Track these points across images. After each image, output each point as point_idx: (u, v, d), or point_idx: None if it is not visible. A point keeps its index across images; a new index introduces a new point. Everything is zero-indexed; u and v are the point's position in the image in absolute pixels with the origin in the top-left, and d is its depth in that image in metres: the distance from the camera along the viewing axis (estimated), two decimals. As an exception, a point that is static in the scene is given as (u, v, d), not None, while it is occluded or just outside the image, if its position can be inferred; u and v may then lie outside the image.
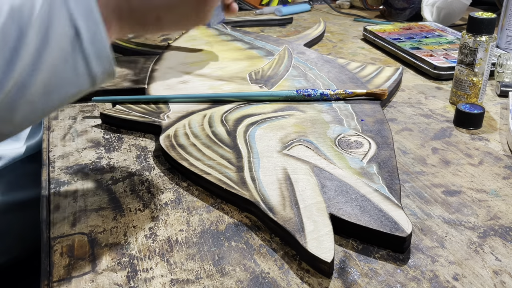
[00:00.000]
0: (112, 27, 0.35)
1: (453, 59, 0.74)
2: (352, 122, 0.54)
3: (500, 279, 0.34)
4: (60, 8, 0.31)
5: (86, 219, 0.41)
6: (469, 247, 0.38)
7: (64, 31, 0.31)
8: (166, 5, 0.37)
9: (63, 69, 0.32)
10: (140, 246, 0.38)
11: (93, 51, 0.33)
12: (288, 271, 0.35)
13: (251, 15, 1.12)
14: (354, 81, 0.65)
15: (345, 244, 0.38)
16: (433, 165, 0.49)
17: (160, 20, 0.37)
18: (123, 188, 0.45)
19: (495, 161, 0.49)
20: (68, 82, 0.33)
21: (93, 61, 0.33)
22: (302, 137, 0.50)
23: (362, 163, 0.45)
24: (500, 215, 0.41)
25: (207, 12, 0.39)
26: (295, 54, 0.77)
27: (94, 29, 0.32)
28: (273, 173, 0.44)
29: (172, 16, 0.37)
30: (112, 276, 0.35)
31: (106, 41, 0.33)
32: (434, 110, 0.61)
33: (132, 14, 0.36)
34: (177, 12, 0.37)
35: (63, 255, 0.37)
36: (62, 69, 0.32)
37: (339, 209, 0.39)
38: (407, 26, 0.94)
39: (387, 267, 0.35)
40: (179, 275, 0.35)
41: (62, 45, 0.32)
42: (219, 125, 0.53)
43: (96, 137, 0.54)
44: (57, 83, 0.33)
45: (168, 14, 0.37)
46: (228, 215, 0.41)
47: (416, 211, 0.42)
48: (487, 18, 0.57)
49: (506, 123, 0.58)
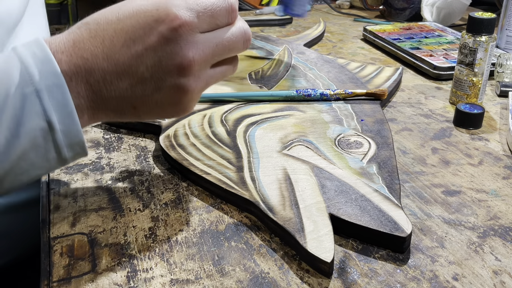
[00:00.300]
0: (85, 115, 0.34)
1: (453, 59, 0.74)
2: (352, 122, 0.54)
3: (500, 279, 0.34)
4: (33, 103, 0.31)
5: (86, 219, 0.41)
6: (469, 247, 0.38)
7: (36, 125, 0.32)
8: (140, 96, 0.34)
9: (33, 157, 0.33)
10: (140, 246, 0.38)
11: (66, 141, 0.33)
12: (288, 271, 0.35)
13: (251, 15, 1.12)
14: (354, 81, 0.65)
15: (345, 244, 0.38)
16: (433, 165, 0.49)
17: (136, 110, 0.35)
18: (123, 188, 0.45)
19: (495, 161, 0.49)
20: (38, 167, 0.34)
21: (64, 149, 0.33)
22: (302, 137, 0.50)
23: (362, 163, 0.45)
24: (500, 215, 0.41)
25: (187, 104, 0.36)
26: (295, 54, 0.77)
27: (67, 122, 0.32)
28: (273, 173, 0.44)
29: (149, 106, 0.35)
30: (112, 276, 0.35)
31: (79, 131, 0.33)
32: (434, 110, 0.61)
33: (105, 104, 0.34)
34: (153, 103, 0.35)
35: (63, 255, 0.37)
36: (33, 156, 0.33)
37: (339, 209, 0.39)
38: (407, 26, 0.94)
39: (387, 267, 0.35)
40: (179, 275, 0.35)
41: (33, 137, 0.32)
42: (219, 125, 0.53)
43: (96, 137, 0.54)
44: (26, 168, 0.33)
45: (144, 105, 0.35)
46: (228, 215, 0.41)
47: (416, 211, 0.42)
48: (487, 18, 0.57)
49: (506, 123, 0.58)
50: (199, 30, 0.34)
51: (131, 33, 0.33)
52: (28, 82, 0.31)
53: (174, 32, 0.33)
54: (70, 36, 0.33)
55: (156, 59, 0.33)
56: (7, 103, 0.31)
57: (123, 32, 0.33)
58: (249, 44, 0.37)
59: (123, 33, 0.33)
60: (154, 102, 0.35)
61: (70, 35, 0.33)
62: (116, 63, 0.33)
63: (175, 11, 0.33)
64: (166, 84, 0.34)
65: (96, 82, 0.33)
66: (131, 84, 0.34)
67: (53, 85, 0.31)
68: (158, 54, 0.33)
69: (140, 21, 0.33)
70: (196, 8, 0.34)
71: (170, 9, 0.33)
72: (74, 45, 0.33)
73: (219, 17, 0.35)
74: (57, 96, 0.32)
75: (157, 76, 0.34)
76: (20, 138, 0.31)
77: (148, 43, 0.33)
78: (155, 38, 0.33)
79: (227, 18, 0.36)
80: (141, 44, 0.33)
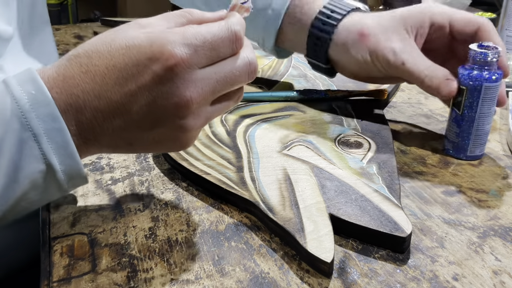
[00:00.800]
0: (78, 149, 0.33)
1: (453, 59, 0.74)
2: (352, 122, 0.54)
3: (499, 279, 0.34)
4: (31, 148, 0.30)
5: (86, 219, 0.41)
6: (469, 247, 0.38)
7: (35, 169, 0.31)
8: (135, 134, 0.33)
9: (33, 196, 0.32)
10: (140, 246, 0.38)
11: (67, 178, 0.33)
12: (288, 271, 0.35)
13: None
14: (354, 81, 0.65)
15: (345, 244, 0.38)
16: (433, 165, 0.49)
17: (133, 146, 0.34)
18: (123, 188, 0.45)
19: (495, 161, 0.49)
20: (37, 203, 0.33)
21: (65, 185, 0.33)
22: (302, 137, 0.50)
23: (362, 163, 0.45)
24: (500, 215, 0.41)
25: (186, 141, 0.34)
26: (295, 54, 0.77)
27: (68, 162, 0.32)
28: (273, 173, 0.44)
29: (146, 143, 0.34)
30: (112, 276, 0.35)
31: (80, 168, 0.33)
32: (434, 110, 0.61)
33: (98, 141, 0.33)
34: (150, 140, 0.34)
35: (63, 255, 0.37)
36: (32, 196, 0.32)
37: (339, 209, 0.39)
38: (407, 26, 0.94)
39: (387, 267, 0.35)
40: (179, 275, 0.35)
41: (33, 180, 0.31)
42: (218, 125, 0.53)
43: (96, 137, 0.54)
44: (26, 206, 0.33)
45: (141, 142, 0.34)
46: (228, 215, 0.41)
47: (416, 211, 0.42)
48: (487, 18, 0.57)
49: (506, 123, 0.58)
50: (197, 66, 0.32)
51: (124, 71, 0.31)
52: (25, 127, 0.30)
53: (169, 72, 0.31)
54: (60, 70, 0.32)
55: (151, 99, 0.31)
56: (3, 149, 0.30)
57: (116, 69, 0.31)
58: (254, 76, 0.35)
59: (116, 70, 0.31)
60: (152, 139, 0.34)
61: (60, 69, 0.32)
62: (108, 101, 0.32)
63: (170, 48, 0.30)
64: (163, 124, 0.32)
65: (88, 120, 0.32)
66: (125, 122, 0.32)
67: (52, 129, 0.30)
68: (153, 94, 0.31)
69: (133, 57, 0.31)
70: (194, 43, 0.31)
71: (165, 46, 0.31)
72: (65, 80, 0.31)
73: (221, 49, 0.32)
74: (57, 139, 0.31)
75: (153, 115, 0.32)
76: (19, 182, 0.30)
77: (142, 82, 0.31)
78: (149, 77, 0.31)
79: (231, 49, 0.33)
80: (134, 83, 0.31)
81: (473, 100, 0.46)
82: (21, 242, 0.58)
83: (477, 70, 0.46)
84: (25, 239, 0.58)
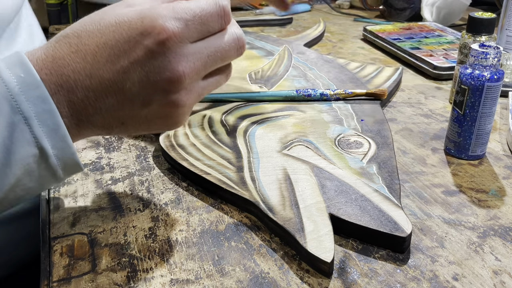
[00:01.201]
0: (71, 132, 0.32)
1: (453, 59, 0.74)
2: (352, 122, 0.54)
3: (500, 279, 0.34)
4: (22, 131, 0.30)
5: (86, 219, 0.41)
6: (469, 247, 0.38)
7: (27, 153, 0.30)
8: (128, 112, 0.33)
9: (27, 182, 0.32)
10: (140, 246, 0.38)
11: (60, 163, 0.32)
12: (288, 271, 0.35)
13: (251, 15, 1.12)
14: (354, 81, 0.65)
15: (345, 244, 0.38)
16: (433, 165, 0.49)
17: (125, 125, 0.34)
18: (123, 188, 0.45)
19: (495, 161, 0.49)
20: (32, 190, 0.33)
21: (59, 171, 0.32)
22: (302, 137, 0.50)
23: (362, 163, 0.45)
24: (500, 215, 0.41)
25: (179, 118, 0.34)
26: (295, 54, 0.77)
27: (60, 146, 0.31)
28: (273, 173, 0.44)
29: (138, 122, 0.34)
30: (112, 276, 0.35)
31: (73, 153, 0.32)
32: (434, 110, 0.61)
33: (90, 121, 0.33)
34: (142, 118, 0.33)
35: (63, 255, 0.37)
36: (27, 182, 0.32)
37: (339, 209, 0.39)
38: (407, 26, 0.94)
39: (387, 267, 0.35)
40: (179, 275, 0.35)
41: (26, 165, 0.31)
42: (219, 125, 0.53)
43: (96, 137, 0.54)
44: (21, 194, 0.32)
45: (133, 121, 0.33)
46: (228, 215, 0.41)
47: (416, 211, 0.42)
48: (487, 18, 0.57)
49: (505, 123, 0.58)
50: (189, 41, 0.32)
51: (115, 48, 0.31)
52: (15, 110, 0.29)
53: (161, 46, 0.30)
54: (49, 52, 0.31)
55: (143, 74, 0.31)
56: None
57: (107, 46, 0.31)
58: (243, 51, 0.35)
59: (107, 48, 0.31)
60: (144, 118, 0.33)
61: (48, 51, 0.31)
62: (100, 80, 0.31)
63: (162, 22, 0.30)
64: (155, 100, 0.32)
65: (80, 100, 0.31)
66: (117, 101, 0.32)
67: (42, 111, 0.30)
68: (145, 69, 0.31)
69: (124, 34, 0.31)
70: (184, 17, 0.31)
71: (156, 20, 0.30)
72: (54, 61, 0.31)
73: (210, 24, 0.32)
74: (48, 122, 0.30)
75: (145, 91, 0.32)
76: (12, 167, 0.30)
77: (134, 58, 0.31)
78: (141, 53, 0.31)
79: (219, 23, 0.33)
80: (126, 59, 0.31)
81: (475, 100, 0.46)
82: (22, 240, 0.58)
83: (479, 70, 0.46)
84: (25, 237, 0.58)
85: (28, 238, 0.57)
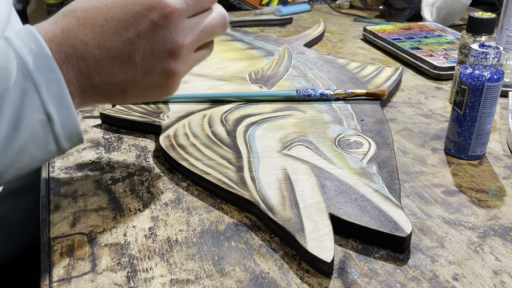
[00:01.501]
0: (75, 101, 0.34)
1: (453, 59, 0.74)
2: (352, 122, 0.54)
3: (500, 279, 0.34)
4: (32, 97, 0.32)
5: (86, 219, 0.41)
6: (469, 247, 0.38)
7: (35, 118, 0.32)
8: (130, 81, 0.36)
9: (33, 149, 0.33)
10: (140, 246, 0.38)
11: (64, 132, 0.34)
12: (288, 271, 0.35)
13: (251, 15, 1.12)
14: (354, 81, 0.65)
15: (345, 244, 0.38)
16: (433, 165, 0.49)
17: (125, 93, 0.37)
18: (123, 188, 0.45)
19: (495, 161, 0.49)
20: (38, 159, 0.34)
21: (63, 141, 0.34)
22: (302, 137, 0.50)
23: (362, 163, 0.45)
24: (500, 215, 0.41)
25: (173, 86, 0.38)
26: (295, 54, 0.77)
27: (65, 114, 0.33)
28: (273, 173, 0.44)
29: (138, 90, 0.37)
30: (112, 276, 0.35)
31: (76, 122, 0.34)
32: (434, 110, 0.61)
33: (95, 89, 0.35)
34: (142, 86, 0.36)
35: (63, 255, 0.37)
36: (33, 149, 0.33)
37: (339, 209, 0.39)
38: (407, 26, 0.94)
39: (387, 267, 0.35)
40: (179, 275, 0.35)
41: (33, 130, 0.32)
42: (219, 125, 0.53)
43: (96, 137, 0.54)
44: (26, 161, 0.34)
45: (133, 89, 0.36)
46: (228, 215, 0.41)
47: (416, 211, 0.42)
48: (487, 18, 0.57)
49: (506, 123, 0.58)
50: (186, 16, 0.35)
51: (123, 21, 0.34)
52: (27, 78, 0.32)
53: (165, 19, 0.34)
54: (57, 25, 0.34)
55: (148, 45, 0.34)
56: (7, 98, 0.31)
57: (114, 20, 0.34)
58: (227, 28, 0.40)
59: (114, 21, 0.34)
60: (144, 86, 0.36)
61: (57, 24, 0.34)
62: (108, 49, 0.34)
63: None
64: (156, 68, 0.35)
65: (87, 69, 0.34)
66: (122, 70, 0.35)
67: (50, 80, 0.32)
68: (150, 40, 0.34)
69: (131, 9, 0.34)
70: None
71: None
72: (63, 33, 0.33)
73: (203, 2, 0.36)
74: (55, 90, 0.32)
75: (148, 61, 0.35)
76: (20, 131, 0.32)
77: (140, 30, 0.34)
78: (146, 26, 0.34)
79: (210, 2, 0.37)
80: (133, 31, 0.34)
81: (475, 100, 0.46)
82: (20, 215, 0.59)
83: (479, 70, 0.46)
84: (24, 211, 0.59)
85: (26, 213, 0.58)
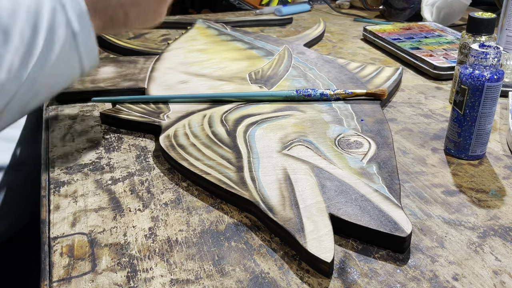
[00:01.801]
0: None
1: (453, 59, 0.74)
2: (352, 122, 0.54)
3: (500, 279, 0.34)
4: (61, 14, 0.36)
5: (86, 219, 0.41)
6: (469, 247, 0.38)
7: (64, 34, 0.37)
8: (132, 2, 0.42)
9: (62, 67, 0.38)
10: (140, 246, 0.38)
11: (85, 50, 0.39)
12: (288, 271, 0.35)
13: (251, 15, 1.12)
14: (354, 81, 0.65)
15: (345, 244, 0.38)
16: (433, 165, 0.49)
17: (127, 16, 0.43)
18: (123, 188, 0.45)
19: (495, 161, 0.49)
20: (64, 78, 0.39)
21: (85, 59, 0.39)
22: (302, 137, 0.50)
23: (362, 163, 0.45)
24: (500, 215, 0.41)
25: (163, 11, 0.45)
26: (295, 54, 0.77)
27: (86, 31, 0.38)
28: (273, 173, 0.44)
29: (137, 12, 0.43)
30: (112, 276, 0.35)
31: (95, 41, 0.39)
32: (434, 110, 0.61)
33: (105, 11, 0.41)
34: (141, 9, 0.43)
35: (63, 255, 0.37)
36: (61, 66, 0.38)
37: (339, 209, 0.39)
38: (407, 26, 0.94)
39: (387, 267, 0.35)
40: (179, 275, 0.35)
41: (62, 46, 0.37)
42: (219, 125, 0.53)
43: (96, 137, 0.54)
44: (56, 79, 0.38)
45: (134, 10, 0.43)
46: (228, 215, 0.41)
47: (416, 211, 0.42)
48: (487, 18, 0.57)
49: (506, 123, 0.58)
50: None
51: None
52: None
53: None
54: None
55: None
56: (43, 14, 0.35)
57: None
58: None
59: None
60: (141, 11, 0.43)
61: None
62: None
63: None
64: None
65: None
66: None
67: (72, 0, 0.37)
68: None
69: None
70: None
71: None
72: None
73: None
74: (77, 9, 0.37)
75: None
76: (54, 44, 0.36)
77: None
78: None
79: None
80: None
81: (475, 100, 0.46)
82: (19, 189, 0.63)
83: (479, 70, 0.46)
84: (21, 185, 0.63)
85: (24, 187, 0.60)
